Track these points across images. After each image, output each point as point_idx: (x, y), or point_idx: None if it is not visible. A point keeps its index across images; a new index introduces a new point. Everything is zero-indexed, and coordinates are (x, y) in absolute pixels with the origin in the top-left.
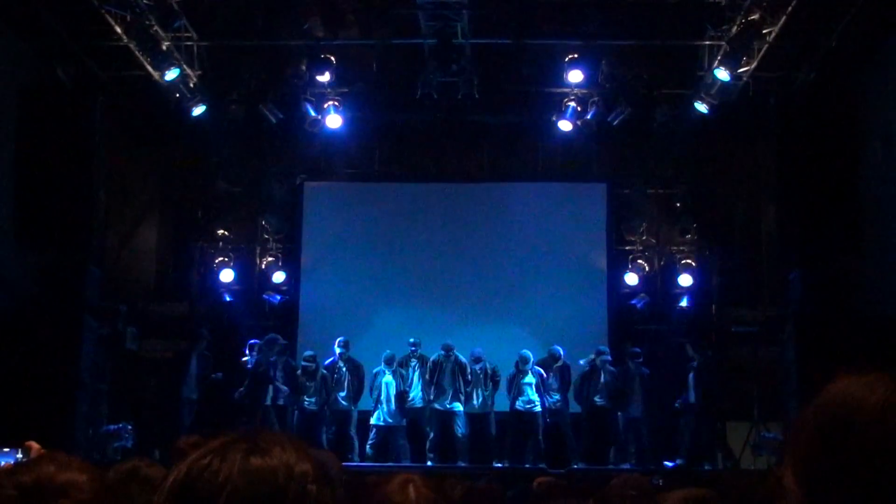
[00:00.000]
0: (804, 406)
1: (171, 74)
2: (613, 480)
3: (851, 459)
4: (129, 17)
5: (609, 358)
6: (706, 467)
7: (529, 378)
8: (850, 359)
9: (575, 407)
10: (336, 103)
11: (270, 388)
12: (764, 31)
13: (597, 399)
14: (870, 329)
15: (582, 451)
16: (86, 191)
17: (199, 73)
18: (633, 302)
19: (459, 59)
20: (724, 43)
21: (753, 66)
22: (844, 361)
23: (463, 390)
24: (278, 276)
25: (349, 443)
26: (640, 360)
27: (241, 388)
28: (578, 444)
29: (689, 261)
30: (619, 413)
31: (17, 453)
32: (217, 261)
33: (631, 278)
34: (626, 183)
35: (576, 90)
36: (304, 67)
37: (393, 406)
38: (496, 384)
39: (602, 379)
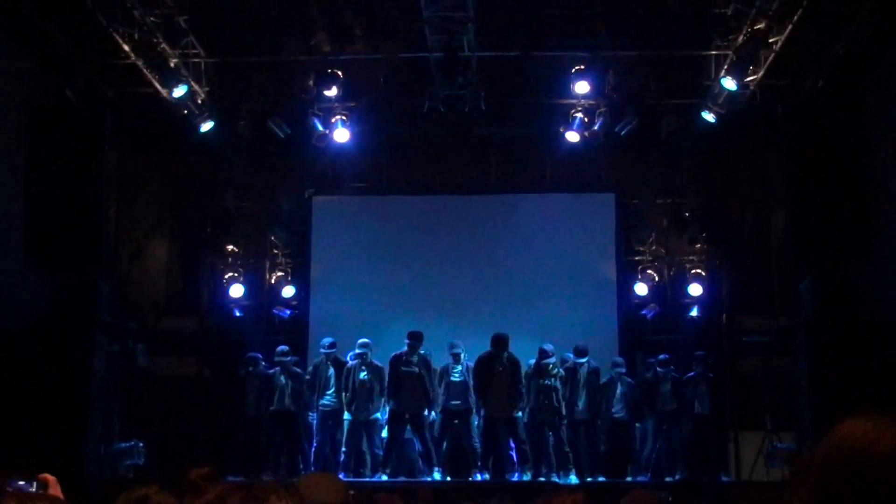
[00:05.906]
0: (814, 444)
1: (180, 91)
2: (624, 497)
3: (861, 502)
4: (136, 35)
5: (624, 370)
6: (724, 479)
7: None
8: (861, 368)
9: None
10: (344, 117)
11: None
12: (770, 40)
13: (614, 411)
14: (881, 337)
15: (598, 463)
16: (95, 208)
17: (207, 89)
18: (643, 312)
19: (466, 72)
20: (730, 52)
21: (760, 74)
22: (856, 370)
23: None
24: (288, 291)
25: (362, 457)
26: (672, 367)
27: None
28: (594, 456)
29: (698, 270)
30: (637, 424)
31: (32, 486)
32: (227, 276)
33: (640, 288)
34: (634, 193)
35: (583, 101)
36: (311, 82)
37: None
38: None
39: (619, 390)
